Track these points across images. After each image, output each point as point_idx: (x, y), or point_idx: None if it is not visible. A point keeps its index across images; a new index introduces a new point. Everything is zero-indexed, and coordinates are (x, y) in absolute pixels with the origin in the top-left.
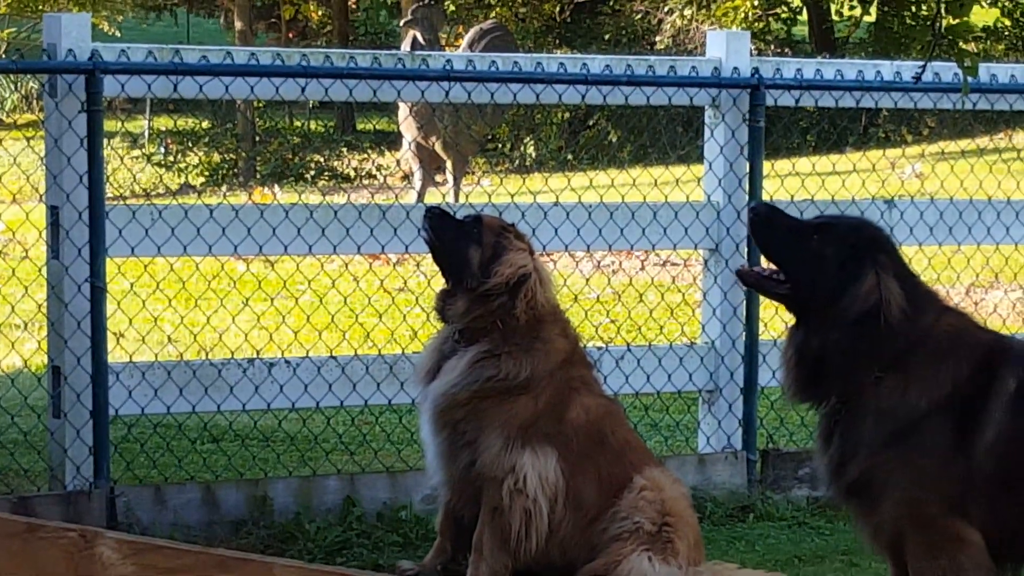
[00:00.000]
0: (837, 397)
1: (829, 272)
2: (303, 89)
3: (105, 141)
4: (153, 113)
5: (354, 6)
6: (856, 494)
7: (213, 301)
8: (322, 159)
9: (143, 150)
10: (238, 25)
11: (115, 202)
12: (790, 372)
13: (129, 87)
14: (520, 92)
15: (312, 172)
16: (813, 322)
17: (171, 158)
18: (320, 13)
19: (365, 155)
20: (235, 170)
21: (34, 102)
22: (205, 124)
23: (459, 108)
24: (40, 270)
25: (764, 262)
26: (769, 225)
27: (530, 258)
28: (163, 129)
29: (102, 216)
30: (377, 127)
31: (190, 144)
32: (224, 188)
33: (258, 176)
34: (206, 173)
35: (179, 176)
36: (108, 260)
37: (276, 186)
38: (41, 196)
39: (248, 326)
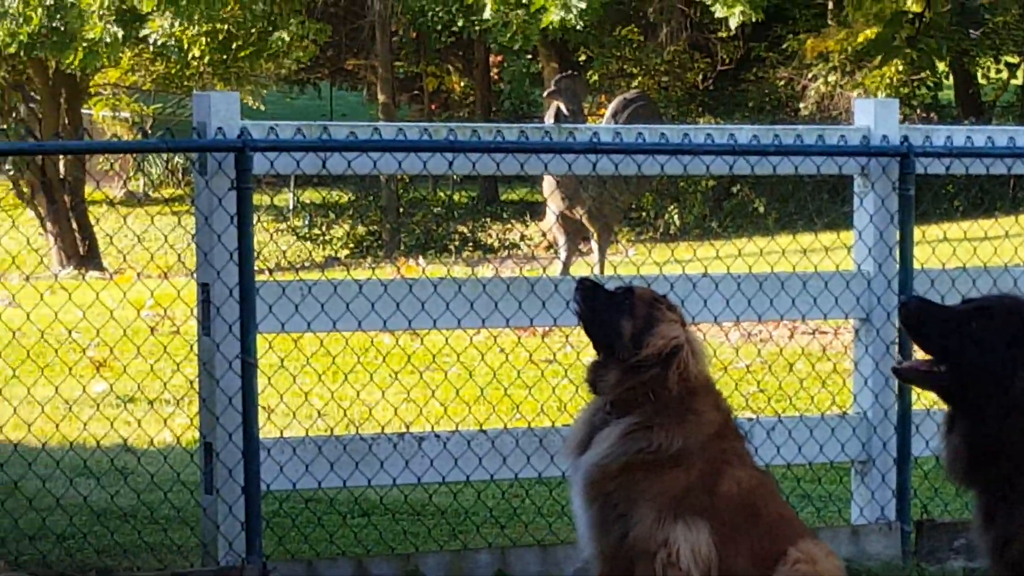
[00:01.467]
0: (1005, 478)
1: (995, 358)
2: (450, 163)
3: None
4: (298, 186)
5: (496, 77)
6: (1021, 572)
7: (362, 375)
8: (466, 230)
9: (289, 223)
10: (381, 98)
11: (262, 276)
12: (958, 460)
13: (278, 164)
14: (667, 163)
15: (456, 243)
16: (981, 409)
17: (317, 231)
18: (462, 84)
19: (509, 225)
20: (380, 242)
21: (180, 176)
22: (350, 197)
23: (605, 178)
24: (191, 346)
25: (917, 350)
26: (923, 318)
27: (682, 329)
28: (308, 202)
29: (252, 293)
30: (521, 197)
31: (335, 216)
32: (369, 260)
33: (403, 247)
34: (351, 245)
35: (324, 248)
36: (258, 336)
37: (421, 257)
38: (191, 271)
39: (397, 400)
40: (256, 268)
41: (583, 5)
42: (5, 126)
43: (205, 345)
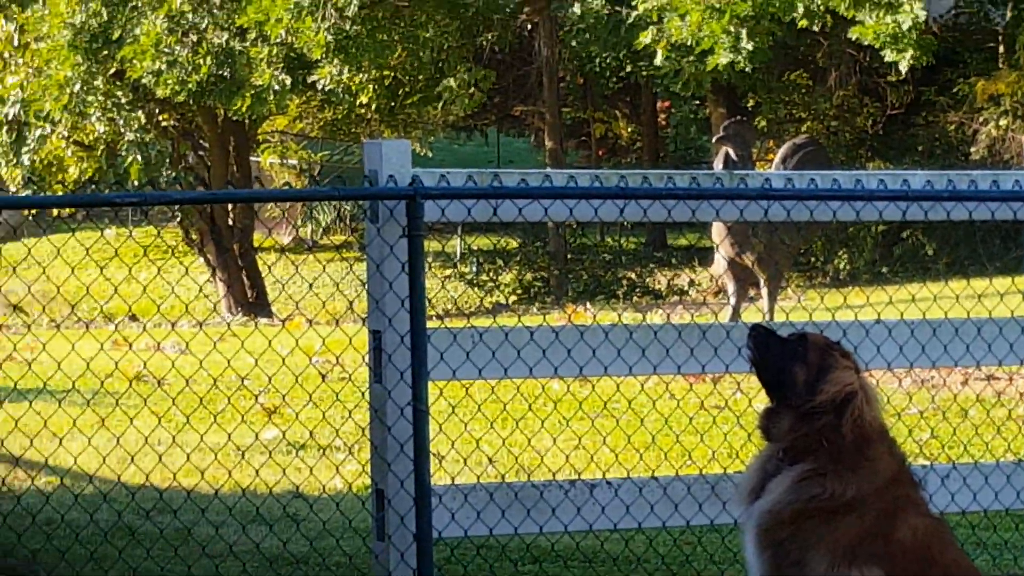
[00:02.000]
0: None
1: None
2: (621, 210)
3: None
4: (466, 232)
5: (664, 123)
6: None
7: (533, 422)
8: (634, 275)
9: (457, 268)
10: (548, 144)
11: (432, 322)
12: None
13: (449, 211)
14: (840, 209)
15: (624, 289)
16: None
17: (484, 276)
18: (629, 130)
19: (677, 271)
20: (548, 287)
21: (348, 222)
22: (518, 242)
23: (775, 224)
24: (362, 393)
25: None
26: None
27: (856, 376)
28: (477, 248)
29: (424, 340)
30: (690, 243)
31: (503, 262)
32: (537, 306)
33: (571, 293)
34: (519, 291)
35: (493, 294)
36: (430, 383)
37: (589, 303)
38: (361, 317)
39: (568, 446)
40: (427, 314)
41: (751, 47)
42: (175, 174)
43: (376, 392)
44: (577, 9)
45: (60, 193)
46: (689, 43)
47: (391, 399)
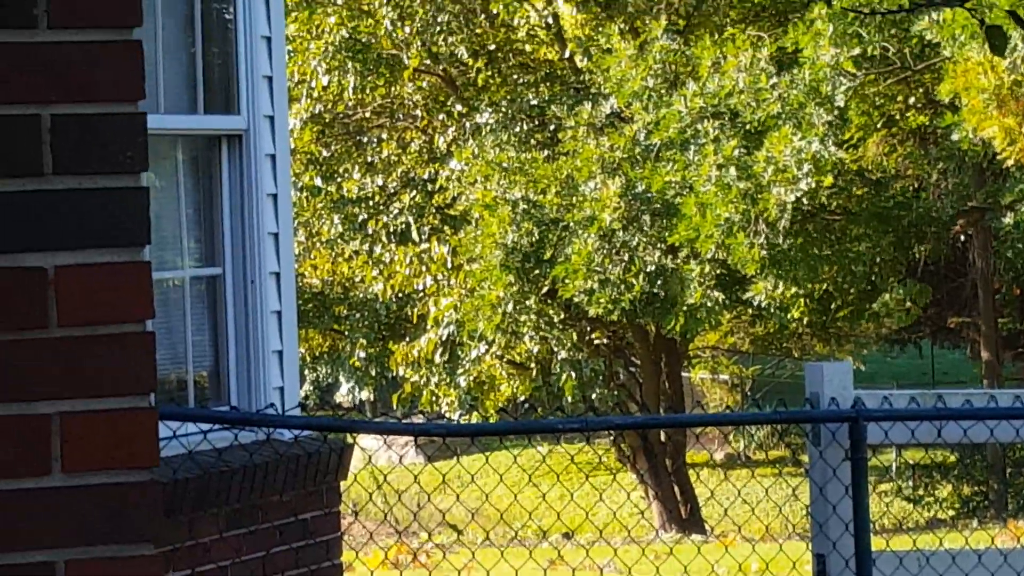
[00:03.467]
0: None
1: None
2: None
3: None
4: (901, 445)
5: None
6: None
7: None
8: None
9: (892, 483)
10: (984, 356)
11: (877, 541)
12: None
13: (892, 434)
14: None
15: None
16: None
17: (921, 491)
18: None
19: None
20: (987, 501)
21: (782, 437)
22: (955, 457)
23: None
24: None
25: None
26: None
27: None
28: (913, 462)
29: (869, 564)
30: None
31: (939, 477)
32: (975, 521)
33: (1010, 508)
34: (956, 505)
35: (929, 510)
36: None
37: None
38: (798, 534)
39: None
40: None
41: None
42: (607, 391)
43: None
44: (1010, 219)
45: (491, 411)
46: None
47: None
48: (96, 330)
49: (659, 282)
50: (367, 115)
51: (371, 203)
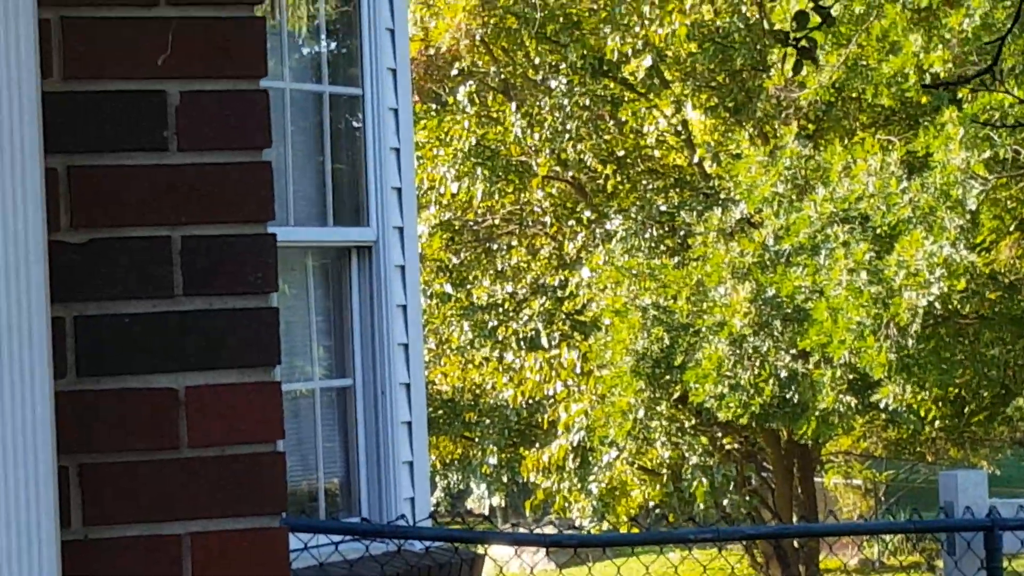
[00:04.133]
0: None
1: None
2: None
3: None
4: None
5: None
6: None
7: None
8: None
9: None
10: None
11: None
12: None
13: None
14: None
15: None
16: None
17: None
18: None
19: None
20: None
21: (916, 543)
22: None
23: None
24: None
25: None
26: None
27: None
28: None
29: None
30: None
31: None
32: None
33: None
34: None
35: None
36: None
37: None
38: None
39: None
40: None
41: None
42: (738, 497)
43: None
44: None
45: (623, 518)
46: None
47: None
48: (226, 451)
49: (791, 387)
50: (496, 222)
51: (501, 310)
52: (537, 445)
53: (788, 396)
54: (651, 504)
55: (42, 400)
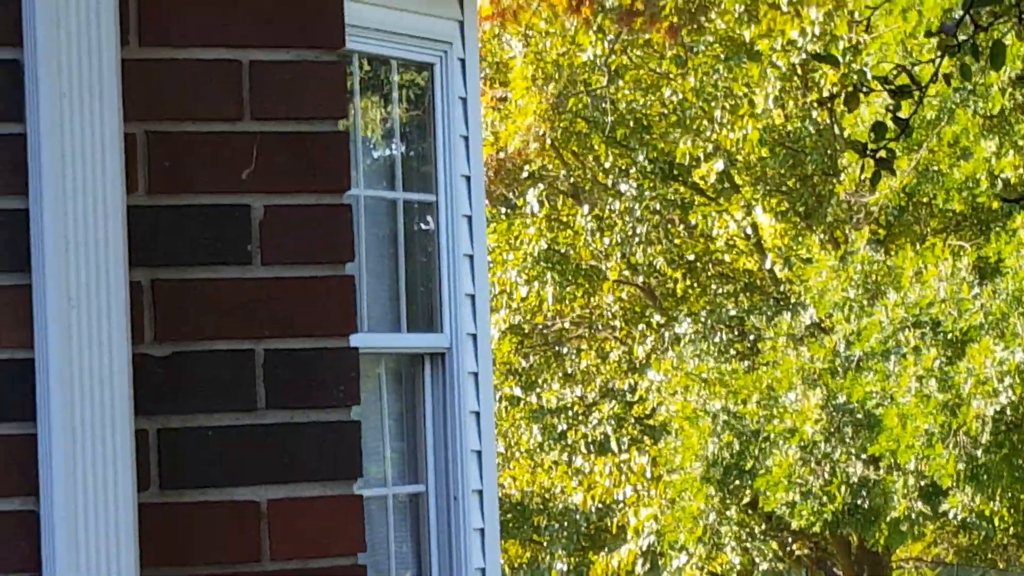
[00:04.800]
0: None
1: None
2: None
3: None
4: None
5: None
6: None
7: None
8: None
9: None
10: None
11: None
12: None
13: None
14: None
15: None
16: None
17: None
18: None
19: None
20: None
21: None
22: None
23: None
24: None
25: None
26: None
27: None
28: None
29: None
30: None
31: None
32: None
33: None
34: None
35: None
36: None
37: None
38: None
39: None
40: None
41: None
42: None
43: None
44: None
45: None
46: None
47: None
48: (307, 564)
49: (863, 494)
50: (566, 325)
51: (570, 413)
52: (606, 550)
53: (859, 503)
54: None
55: (125, 515)
